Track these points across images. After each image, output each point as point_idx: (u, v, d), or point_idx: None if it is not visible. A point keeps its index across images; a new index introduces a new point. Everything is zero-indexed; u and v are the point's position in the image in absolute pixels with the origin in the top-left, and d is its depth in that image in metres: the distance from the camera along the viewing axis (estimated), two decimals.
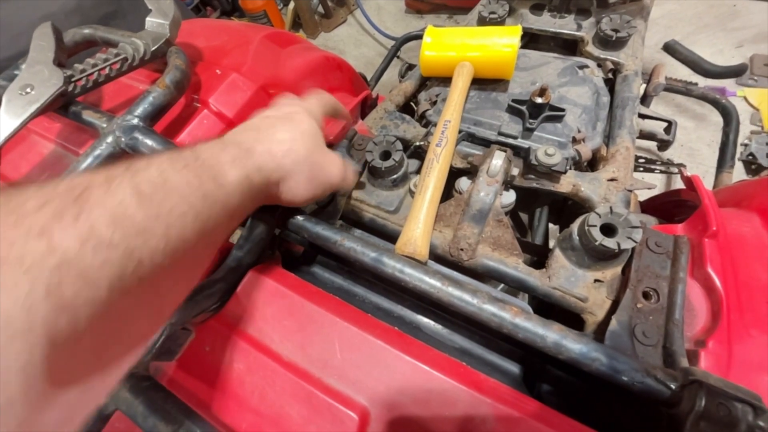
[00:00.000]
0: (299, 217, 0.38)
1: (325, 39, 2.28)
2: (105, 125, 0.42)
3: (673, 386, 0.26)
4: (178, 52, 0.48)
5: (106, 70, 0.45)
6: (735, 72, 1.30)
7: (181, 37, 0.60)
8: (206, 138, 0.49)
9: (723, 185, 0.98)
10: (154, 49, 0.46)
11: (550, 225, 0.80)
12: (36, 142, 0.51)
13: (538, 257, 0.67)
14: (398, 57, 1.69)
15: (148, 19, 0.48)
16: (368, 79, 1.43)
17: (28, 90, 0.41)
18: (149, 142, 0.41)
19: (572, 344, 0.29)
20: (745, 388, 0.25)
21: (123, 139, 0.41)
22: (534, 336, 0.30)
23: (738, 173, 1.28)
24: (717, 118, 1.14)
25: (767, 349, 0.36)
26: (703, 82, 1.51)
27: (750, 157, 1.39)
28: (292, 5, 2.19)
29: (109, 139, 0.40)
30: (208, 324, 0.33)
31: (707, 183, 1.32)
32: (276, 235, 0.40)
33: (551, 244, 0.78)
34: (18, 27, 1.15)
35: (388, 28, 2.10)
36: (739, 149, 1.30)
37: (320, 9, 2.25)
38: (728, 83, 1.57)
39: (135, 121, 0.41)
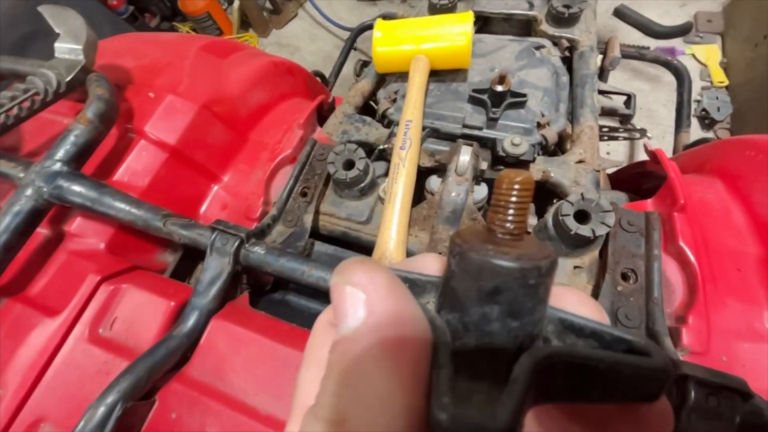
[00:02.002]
0: (259, 251, 0.35)
1: (278, 36, 2.17)
2: (22, 175, 0.37)
3: None
4: (99, 78, 0.43)
5: (15, 110, 0.39)
6: (682, 31, 1.34)
7: (104, 58, 0.54)
8: (148, 171, 0.45)
9: (682, 145, 1.01)
10: (69, 79, 0.41)
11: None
12: None
13: None
14: (355, 49, 1.63)
15: (56, 44, 0.42)
16: (327, 76, 1.38)
17: None
18: (77, 188, 0.36)
19: None
20: (731, 375, 0.25)
21: (45, 190, 0.36)
22: None
23: (693, 129, 1.33)
24: (670, 78, 1.17)
25: (742, 316, 0.37)
26: (654, 44, 1.55)
27: (703, 113, 1.45)
28: (236, 4, 2.07)
29: (29, 192, 0.35)
30: (171, 387, 0.30)
31: (667, 143, 1.37)
32: (239, 271, 0.37)
33: (529, 221, 0.78)
34: None
35: (342, 18, 2.02)
36: (693, 105, 1.35)
37: (268, 5, 2.14)
38: (677, 42, 1.62)
39: (57, 166, 0.37)
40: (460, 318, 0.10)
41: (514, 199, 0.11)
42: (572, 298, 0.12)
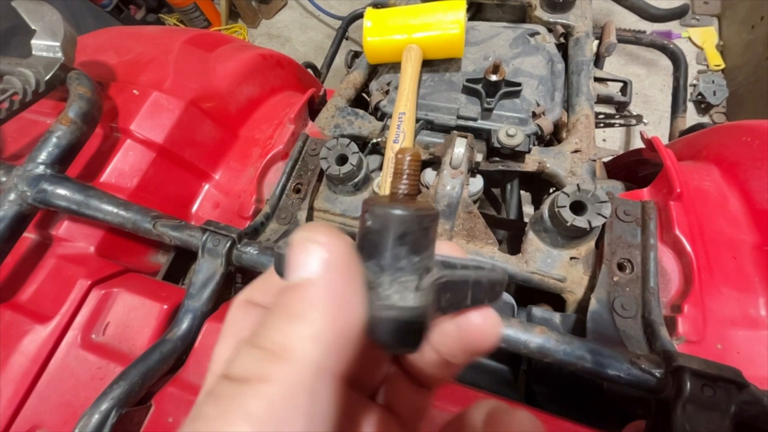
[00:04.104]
0: (252, 251, 0.35)
1: (268, 27, 2.12)
2: (4, 179, 0.36)
3: (657, 374, 0.26)
4: (80, 76, 0.41)
5: None
6: (678, 13, 1.31)
7: (86, 54, 0.52)
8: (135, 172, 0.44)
9: (678, 131, 1.00)
10: (48, 77, 0.39)
11: (523, 192, 0.79)
12: None
13: (515, 231, 0.66)
14: (347, 38, 1.60)
15: (33, 41, 0.41)
16: (319, 67, 1.35)
17: None
18: (62, 191, 0.35)
19: (556, 346, 0.28)
20: (726, 365, 0.25)
21: (29, 194, 0.35)
22: (516, 343, 0.28)
23: (689, 113, 1.33)
24: (666, 62, 1.16)
25: (737, 304, 0.37)
26: (650, 27, 1.53)
27: (699, 97, 1.44)
28: None
29: (12, 197, 0.35)
30: (167, 391, 0.29)
31: (663, 128, 1.36)
32: (232, 271, 0.37)
33: (525, 210, 0.77)
34: None
35: (333, 6, 1.97)
36: (689, 90, 1.34)
37: None
38: (673, 25, 1.60)
39: (40, 169, 0.35)
40: (377, 262, 0.13)
41: (406, 168, 0.15)
42: (447, 248, 0.17)
